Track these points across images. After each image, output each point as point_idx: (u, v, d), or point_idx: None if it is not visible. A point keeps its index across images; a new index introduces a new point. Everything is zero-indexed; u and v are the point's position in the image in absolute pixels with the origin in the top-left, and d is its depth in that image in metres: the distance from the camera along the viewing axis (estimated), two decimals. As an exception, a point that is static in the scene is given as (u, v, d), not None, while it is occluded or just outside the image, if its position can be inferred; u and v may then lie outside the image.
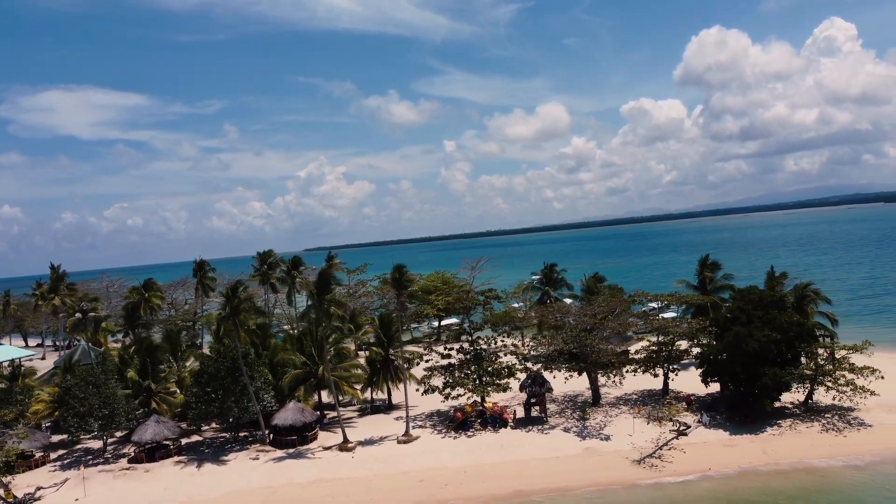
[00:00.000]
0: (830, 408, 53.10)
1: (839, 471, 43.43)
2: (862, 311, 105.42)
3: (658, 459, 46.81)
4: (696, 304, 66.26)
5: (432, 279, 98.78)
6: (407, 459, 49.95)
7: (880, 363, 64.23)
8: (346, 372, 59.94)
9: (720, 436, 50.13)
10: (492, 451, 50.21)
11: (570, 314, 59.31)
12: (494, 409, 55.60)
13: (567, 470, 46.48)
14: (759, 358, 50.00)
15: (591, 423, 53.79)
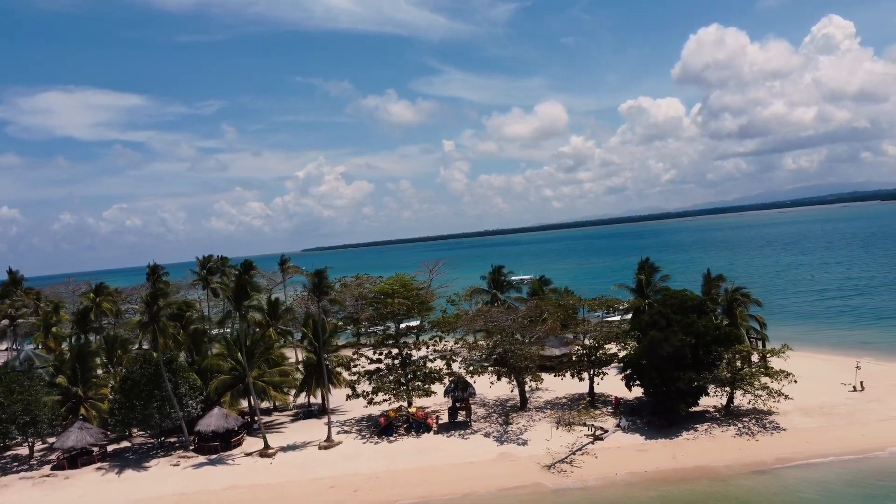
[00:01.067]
0: (750, 412, 53.23)
1: (742, 476, 43.50)
2: (824, 311, 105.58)
3: (569, 465, 46.90)
4: (634, 307, 66.27)
5: (390, 282, 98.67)
6: (324, 465, 50.13)
7: (814, 364, 64.86)
8: (277, 377, 59.99)
9: (636, 440, 50.21)
10: (408, 457, 50.33)
11: (497, 319, 59.29)
12: (419, 414, 55.73)
13: (477, 475, 46.60)
14: (674, 362, 50.10)
15: (514, 428, 53.93)
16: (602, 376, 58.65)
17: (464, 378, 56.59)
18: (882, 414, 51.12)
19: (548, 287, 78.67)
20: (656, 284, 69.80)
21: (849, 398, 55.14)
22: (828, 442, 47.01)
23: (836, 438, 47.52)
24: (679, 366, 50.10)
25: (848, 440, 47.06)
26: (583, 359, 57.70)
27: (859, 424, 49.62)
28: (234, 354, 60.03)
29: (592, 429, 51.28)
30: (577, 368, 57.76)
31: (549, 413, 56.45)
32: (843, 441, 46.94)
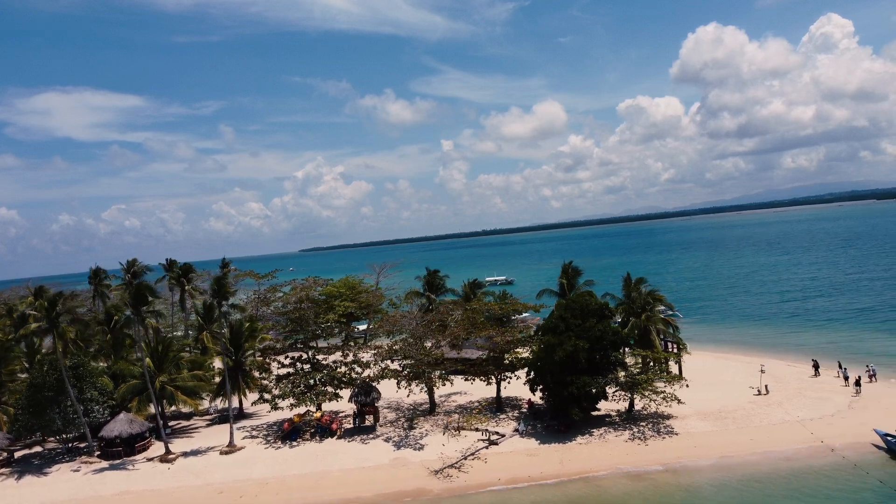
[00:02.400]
0: (651, 416, 53.35)
1: (617, 480, 43.58)
2: (777, 314, 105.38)
3: (457, 470, 46.99)
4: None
5: (337, 285, 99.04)
6: (220, 471, 50.26)
7: (736, 367, 64.99)
8: (191, 382, 60.09)
9: (529, 445, 50.32)
10: (304, 462, 50.48)
11: (401, 324, 59.41)
12: (324, 419, 55.88)
13: (365, 480, 46.73)
14: (568, 367, 50.20)
15: (415, 433, 54.07)
16: (509, 381, 58.73)
17: (369, 383, 56.67)
18: (775, 418, 51.19)
19: (480, 290, 78.63)
20: (579, 288, 69.98)
21: (750, 402, 55.20)
22: (713, 447, 47.09)
23: (723, 443, 47.60)
24: (572, 370, 50.19)
25: (734, 445, 47.13)
26: (488, 363, 57.65)
27: (750, 429, 49.70)
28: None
29: (487, 434, 51.34)
30: (482, 372, 57.74)
31: (454, 417, 56.51)
32: (729, 446, 47.02)
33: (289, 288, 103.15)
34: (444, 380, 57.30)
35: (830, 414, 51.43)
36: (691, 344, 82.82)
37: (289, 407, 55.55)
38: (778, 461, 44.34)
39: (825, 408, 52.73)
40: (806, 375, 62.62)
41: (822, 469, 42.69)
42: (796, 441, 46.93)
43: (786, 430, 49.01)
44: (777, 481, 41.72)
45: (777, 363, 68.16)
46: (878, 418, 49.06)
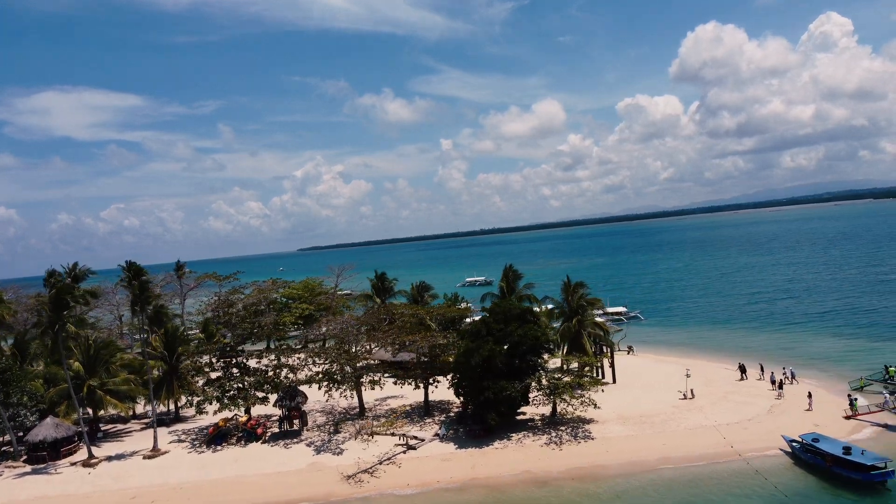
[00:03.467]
0: (573, 420, 53.45)
1: (522, 486, 43.62)
2: (739, 316, 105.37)
3: (369, 475, 47.08)
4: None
5: (296, 287, 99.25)
6: (139, 475, 50.35)
7: (674, 370, 65.04)
8: (123, 386, 60.25)
9: (446, 450, 50.40)
10: (222, 467, 50.57)
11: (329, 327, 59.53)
12: (249, 423, 56.03)
13: (279, 485, 46.81)
14: (486, 372, 50.33)
15: (339, 437, 54.15)
16: (436, 385, 58.88)
17: (294, 387, 56.79)
18: (693, 423, 51.31)
19: (427, 294, 78.75)
20: (519, 291, 70.14)
21: (674, 406, 55.32)
22: (625, 452, 47.21)
23: (635, 448, 47.70)
24: (490, 375, 50.30)
25: (646, 450, 47.24)
26: (416, 367, 57.79)
27: (666, 434, 49.81)
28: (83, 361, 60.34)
29: (405, 439, 51.46)
30: (410, 377, 57.85)
31: (368, 423, 56.54)
32: (640, 451, 47.13)
33: (251, 290, 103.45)
34: (375, 384, 57.42)
35: (748, 419, 51.53)
36: (642, 346, 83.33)
37: (214, 412, 55.61)
38: (684, 466, 44.47)
39: (745, 412, 52.85)
40: (738, 379, 62.67)
41: (723, 474, 42.81)
42: (707, 446, 47.04)
43: (700, 435, 49.12)
44: (676, 487, 41.86)
45: (716, 366, 68.28)
46: (793, 423, 49.20)
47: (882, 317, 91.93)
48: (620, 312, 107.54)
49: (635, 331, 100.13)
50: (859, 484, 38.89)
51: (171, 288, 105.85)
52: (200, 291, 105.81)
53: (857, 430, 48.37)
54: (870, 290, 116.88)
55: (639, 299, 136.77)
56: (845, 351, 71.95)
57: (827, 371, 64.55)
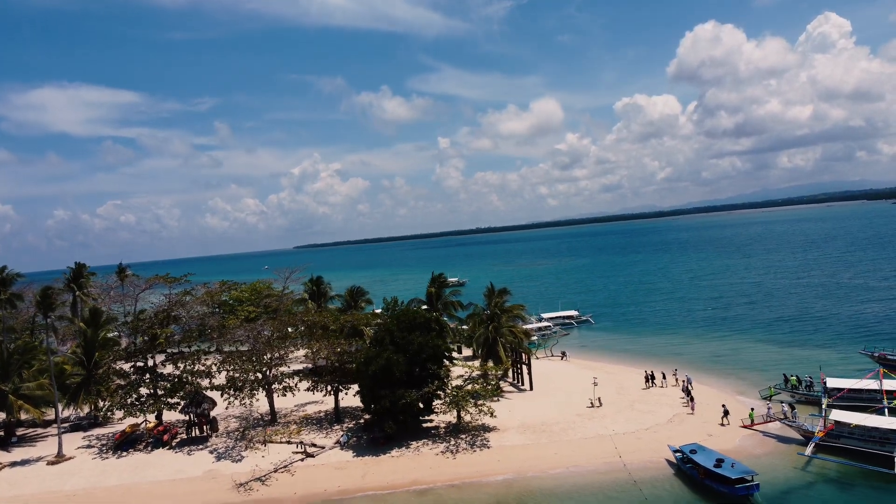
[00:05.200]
0: (476, 428, 53.47)
1: (403, 496, 43.67)
2: (690, 321, 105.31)
3: (261, 483, 47.15)
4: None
5: (244, 289, 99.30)
6: (36, 482, 50.37)
7: (585, 376, 65.11)
8: (38, 391, 60.27)
9: (343, 458, 50.49)
10: (121, 474, 50.59)
11: (235, 335, 59.56)
12: (156, 430, 56.09)
13: (169, 493, 46.87)
14: (384, 380, 50.40)
15: (242, 444, 54.10)
16: (345, 392, 58.96)
17: (201, 393, 56.80)
18: (591, 432, 51.44)
19: (362, 298, 78.79)
20: (446, 298, 70.25)
21: (578, 415, 55.43)
22: (516, 461, 47.33)
23: (526, 457, 47.81)
24: (388, 383, 50.37)
25: (537, 459, 47.37)
26: (325, 373, 57.81)
27: (561, 443, 49.94)
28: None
29: (303, 446, 51.53)
30: (322, 383, 57.86)
31: (294, 428, 56.69)
32: (531, 460, 47.26)
33: (202, 291, 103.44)
34: (289, 390, 57.47)
35: (646, 428, 51.67)
36: (579, 351, 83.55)
37: (118, 419, 55.64)
38: (568, 476, 44.59)
39: (645, 421, 52.99)
40: (658, 387, 62.81)
41: (603, 484, 42.93)
42: (597, 456, 47.15)
43: (594, 444, 49.22)
44: (553, 495, 42.04)
45: (637, 374, 68.24)
46: (687, 433, 49.34)
47: (828, 324, 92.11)
48: (571, 316, 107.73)
49: (583, 334, 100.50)
50: (726, 497, 38.98)
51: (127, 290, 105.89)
52: (153, 294, 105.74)
53: (749, 441, 48.50)
54: (827, 296, 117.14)
55: (601, 302, 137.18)
56: (775, 360, 71.91)
57: (745, 380, 64.71)
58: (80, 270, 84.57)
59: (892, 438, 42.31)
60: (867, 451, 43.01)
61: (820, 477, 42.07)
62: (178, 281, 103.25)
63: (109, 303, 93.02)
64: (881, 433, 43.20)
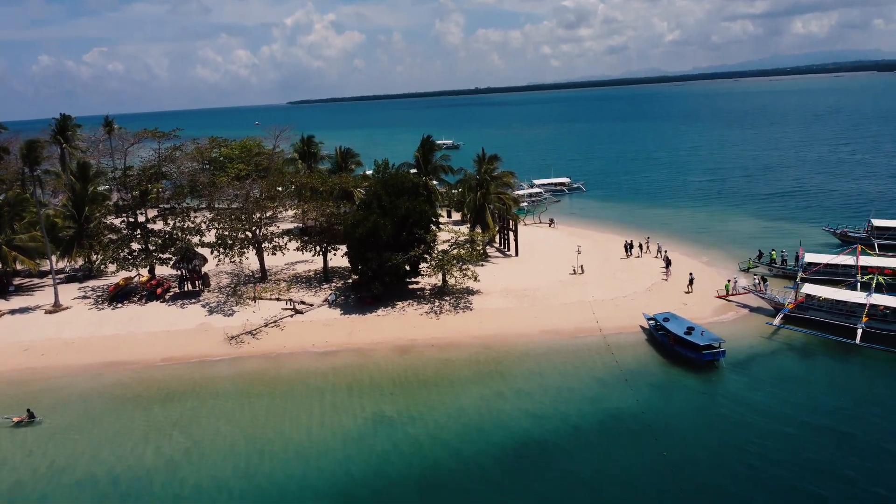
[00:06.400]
0: (460, 291, 54.99)
1: (386, 353, 45.50)
2: (684, 193, 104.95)
3: (252, 337, 49.17)
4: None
5: (233, 146, 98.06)
6: (35, 330, 52.37)
7: (571, 244, 66.18)
8: (30, 242, 61.14)
9: (331, 316, 52.29)
10: (116, 324, 52.54)
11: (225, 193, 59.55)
12: (151, 283, 57.57)
13: (164, 343, 48.91)
14: (371, 243, 51.12)
15: (234, 300, 55.71)
16: (334, 252, 59.95)
17: (192, 249, 57.65)
18: (571, 298, 53.05)
19: (352, 160, 78.02)
20: (436, 162, 69.69)
21: (560, 281, 56.87)
22: (496, 323, 49.20)
23: (507, 321, 49.62)
24: (375, 246, 51.13)
25: (516, 322, 49.23)
26: (314, 234, 58.50)
27: (541, 307, 51.64)
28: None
29: (292, 303, 53.18)
30: (307, 244, 58.67)
31: (284, 286, 58.15)
32: (511, 323, 49.15)
33: (192, 147, 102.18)
34: (279, 249, 58.34)
35: (624, 296, 53.28)
36: (568, 219, 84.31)
37: (111, 272, 56.88)
38: (545, 339, 46.55)
39: (624, 289, 54.54)
40: (643, 257, 63.92)
41: (578, 347, 44.94)
42: (575, 321, 48.97)
43: (573, 309, 50.94)
44: (530, 357, 44.16)
45: (622, 243, 69.07)
46: (663, 302, 50.92)
47: (820, 201, 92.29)
48: (563, 183, 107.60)
49: (573, 202, 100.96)
50: (693, 362, 40.96)
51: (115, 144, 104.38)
52: (142, 148, 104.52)
53: (722, 311, 50.29)
54: (825, 171, 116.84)
55: (596, 170, 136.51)
56: (761, 234, 72.41)
57: (728, 253, 65.71)
58: (66, 122, 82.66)
59: (857, 312, 43.87)
60: (833, 322, 44.79)
61: (784, 346, 44.09)
62: (166, 136, 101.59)
63: (98, 156, 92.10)
64: (848, 306, 44.76)
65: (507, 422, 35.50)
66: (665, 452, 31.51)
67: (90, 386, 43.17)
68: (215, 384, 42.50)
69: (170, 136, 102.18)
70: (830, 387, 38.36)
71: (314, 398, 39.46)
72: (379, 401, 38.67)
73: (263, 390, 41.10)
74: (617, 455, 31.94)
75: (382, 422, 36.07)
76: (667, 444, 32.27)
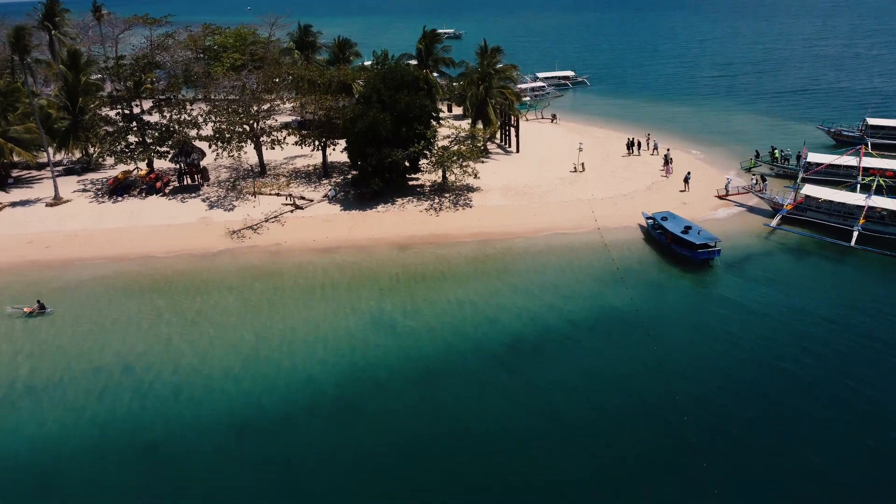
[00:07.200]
0: (460, 188, 54.84)
1: (385, 249, 46.15)
2: (693, 89, 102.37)
3: (252, 231, 49.59)
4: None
5: (228, 35, 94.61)
6: (37, 221, 52.72)
7: (573, 140, 65.43)
8: (26, 134, 60.39)
9: (331, 211, 52.46)
10: (118, 218, 52.83)
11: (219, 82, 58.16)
12: (150, 176, 57.40)
13: (164, 236, 49.44)
14: (370, 138, 50.50)
15: (234, 194, 55.74)
16: (333, 147, 59.35)
17: (190, 143, 57.01)
18: (570, 196, 53.07)
19: (350, 51, 75.47)
20: (437, 54, 67.60)
21: (560, 179, 56.62)
22: (494, 220, 49.51)
23: (506, 217, 49.86)
24: (374, 142, 50.53)
25: (515, 219, 49.49)
26: (314, 128, 57.64)
27: (540, 205, 51.73)
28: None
29: (292, 199, 53.23)
30: (305, 138, 57.87)
31: (283, 181, 57.99)
32: (509, 220, 49.37)
33: (185, 35, 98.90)
34: (277, 143, 57.65)
35: (624, 194, 53.26)
36: (570, 114, 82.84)
37: (110, 165, 56.56)
38: (543, 236, 47.00)
39: (624, 188, 54.45)
40: (644, 155, 63.31)
41: (575, 245, 45.45)
42: (574, 219, 49.22)
43: (572, 208, 51.07)
44: (527, 254, 44.83)
45: (625, 141, 68.24)
46: (662, 201, 50.93)
47: (831, 99, 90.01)
48: (567, 77, 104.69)
49: (576, 97, 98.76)
50: (689, 261, 41.56)
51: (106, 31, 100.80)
52: (133, 35, 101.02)
53: (721, 210, 50.40)
54: (840, 68, 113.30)
55: (602, 63, 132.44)
56: (768, 133, 71.18)
57: (732, 151, 64.98)
58: (53, 7, 79.42)
59: (855, 213, 44.01)
60: (830, 224, 45.04)
61: (779, 246, 44.58)
62: (158, 23, 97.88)
63: (89, 43, 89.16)
64: (847, 208, 44.86)
65: (505, 317, 36.48)
66: (655, 347, 32.57)
67: (96, 278, 44.00)
68: (219, 277, 43.30)
69: (161, 22, 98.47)
70: (821, 288, 39.08)
71: (316, 293, 40.36)
72: (378, 296, 39.57)
73: (266, 284, 41.96)
74: (610, 349, 33.07)
75: (382, 316, 37.07)
76: (658, 340, 33.31)
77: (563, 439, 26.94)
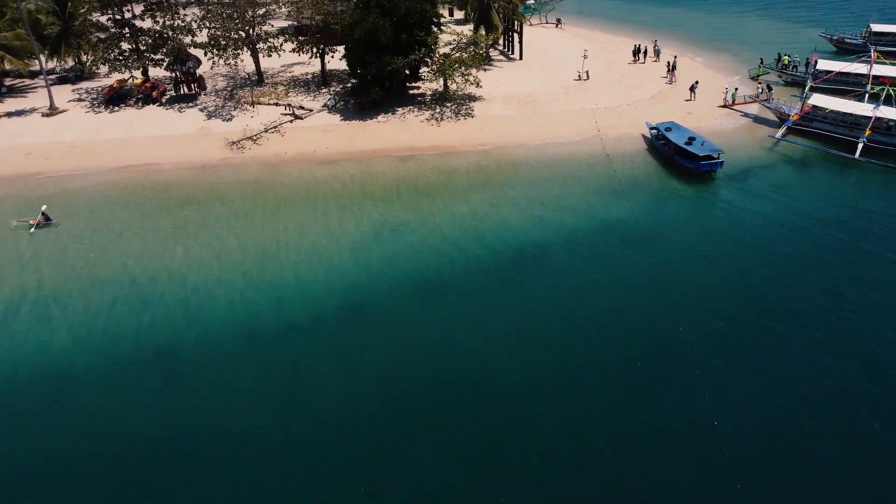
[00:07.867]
0: (462, 97, 53.89)
1: (386, 161, 45.89)
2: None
3: (252, 142, 49.19)
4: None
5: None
6: (35, 132, 52.03)
7: (579, 47, 63.78)
8: (16, 41, 58.85)
9: (331, 121, 51.80)
10: (115, 128, 52.11)
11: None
12: (146, 86, 56.31)
13: (163, 147, 48.88)
14: (370, 46, 49.19)
15: (231, 104, 54.87)
16: (331, 55, 57.86)
17: (185, 51, 55.53)
18: (574, 106, 52.29)
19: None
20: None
21: (564, 87, 55.57)
22: (496, 130, 49.05)
23: (508, 127, 49.34)
24: (373, 49, 49.25)
25: (518, 129, 49.08)
26: (307, 33, 55.97)
27: (543, 115, 51.08)
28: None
29: (291, 109, 52.44)
30: (301, 47, 56.29)
31: (282, 90, 56.92)
32: (512, 130, 48.94)
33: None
34: (274, 50, 56.12)
35: (628, 104, 52.42)
36: (575, 18, 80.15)
37: (104, 74, 55.35)
38: (545, 146, 46.69)
39: (629, 97, 53.53)
40: (649, 62, 61.79)
41: (577, 155, 45.16)
42: (577, 129, 48.72)
43: (575, 117, 50.42)
44: (528, 164, 44.66)
45: (631, 47, 66.35)
46: (668, 111, 50.22)
47: (856, 5, 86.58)
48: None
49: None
50: (691, 172, 41.42)
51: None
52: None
53: (726, 121, 49.75)
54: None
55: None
56: (778, 40, 68.87)
57: (739, 58, 63.39)
58: None
59: (862, 124, 43.45)
60: (835, 135, 44.53)
61: (783, 158, 44.31)
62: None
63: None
64: (854, 118, 44.24)
65: (506, 229, 36.66)
66: (653, 259, 32.97)
67: (98, 189, 44.00)
68: (221, 189, 43.24)
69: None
70: (822, 199, 39.00)
71: (318, 205, 40.33)
72: (380, 207, 39.63)
73: (267, 196, 41.95)
74: (611, 257, 33.40)
75: (383, 228, 37.25)
76: (658, 249, 33.64)
77: (563, 340, 27.55)
